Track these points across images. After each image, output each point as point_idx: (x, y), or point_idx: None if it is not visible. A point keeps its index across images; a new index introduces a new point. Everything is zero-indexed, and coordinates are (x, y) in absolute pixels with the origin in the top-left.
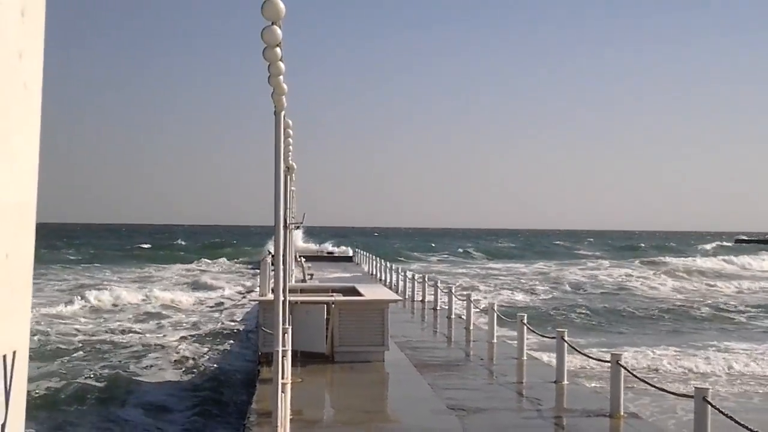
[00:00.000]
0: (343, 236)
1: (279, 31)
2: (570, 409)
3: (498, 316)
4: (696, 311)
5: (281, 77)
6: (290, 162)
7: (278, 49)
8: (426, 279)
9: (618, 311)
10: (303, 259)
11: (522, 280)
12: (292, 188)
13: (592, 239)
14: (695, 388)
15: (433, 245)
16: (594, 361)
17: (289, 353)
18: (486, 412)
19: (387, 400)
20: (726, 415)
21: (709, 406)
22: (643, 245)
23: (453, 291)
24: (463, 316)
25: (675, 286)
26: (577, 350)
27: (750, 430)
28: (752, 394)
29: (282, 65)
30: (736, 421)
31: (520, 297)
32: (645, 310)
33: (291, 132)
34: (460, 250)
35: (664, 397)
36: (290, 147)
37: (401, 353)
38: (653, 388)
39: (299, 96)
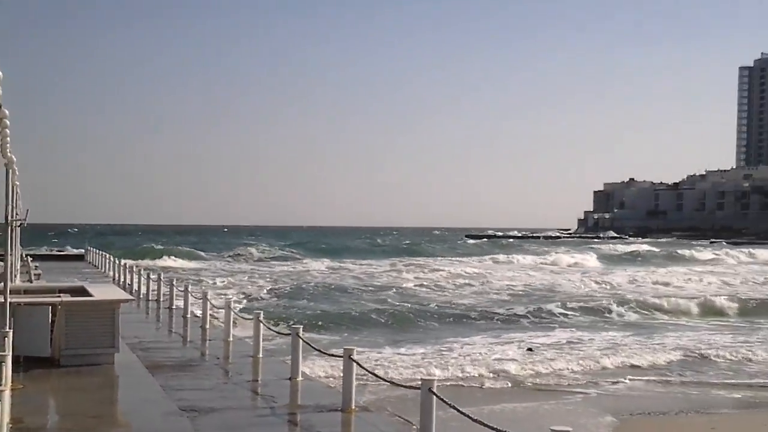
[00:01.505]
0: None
1: None
2: (303, 405)
3: (234, 314)
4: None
5: None
6: (9, 155)
7: None
8: (161, 277)
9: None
10: (30, 259)
11: (272, 278)
12: (16, 183)
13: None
14: (422, 379)
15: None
16: (330, 357)
17: (10, 358)
18: (219, 412)
19: (116, 404)
20: (450, 405)
21: (435, 396)
22: (409, 242)
23: (188, 289)
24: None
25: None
26: (312, 347)
27: (470, 418)
28: (478, 388)
29: None
30: (459, 411)
31: (268, 292)
32: (413, 309)
33: (8, 122)
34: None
35: (398, 390)
36: (8, 138)
37: (133, 355)
38: (385, 382)
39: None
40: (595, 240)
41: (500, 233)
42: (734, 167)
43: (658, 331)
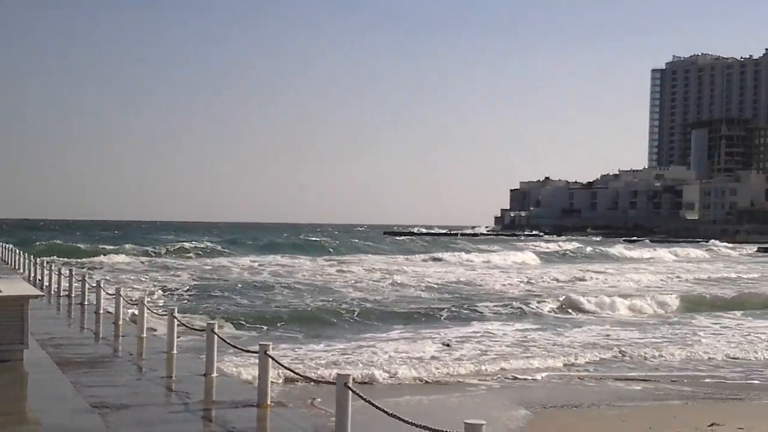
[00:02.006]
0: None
1: None
2: (218, 401)
3: (148, 309)
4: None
5: None
6: None
7: None
8: (73, 273)
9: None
10: None
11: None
12: None
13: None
14: (337, 374)
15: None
16: (244, 352)
17: None
18: (131, 409)
19: (25, 401)
20: (365, 400)
21: (350, 391)
22: (330, 239)
23: (101, 285)
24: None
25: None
26: (227, 342)
27: (386, 412)
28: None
29: None
30: (374, 405)
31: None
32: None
33: None
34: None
35: (316, 385)
36: None
37: (43, 351)
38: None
39: None
40: (520, 238)
41: (424, 230)
42: (646, 167)
43: (575, 327)
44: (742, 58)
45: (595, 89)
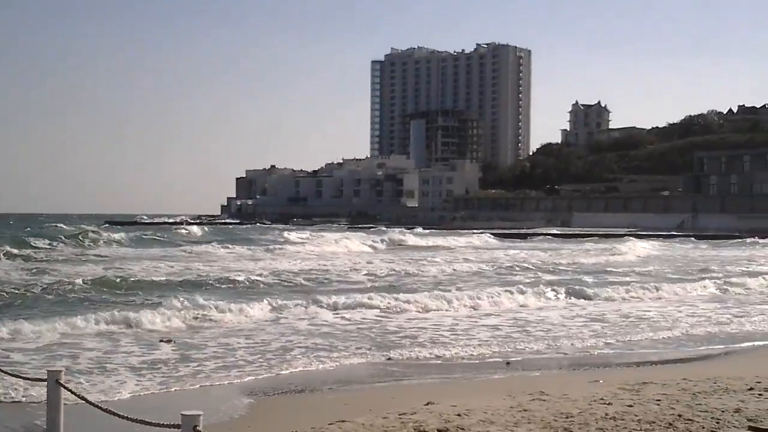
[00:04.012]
0: None
1: None
2: None
3: None
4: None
5: None
6: None
7: None
8: None
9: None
10: None
11: None
12: None
13: None
14: (48, 371)
15: None
16: None
17: None
18: None
19: None
20: (80, 397)
21: (62, 388)
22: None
23: None
24: None
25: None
26: None
27: (100, 408)
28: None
29: None
30: (89, 402)
31: None
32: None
33: None
34: None
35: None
36: None
37: None
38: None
39: None
40: (251, 226)
41: (147, 219)
42: (369, 156)
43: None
44: (455, 52)
45: (320, 79)
